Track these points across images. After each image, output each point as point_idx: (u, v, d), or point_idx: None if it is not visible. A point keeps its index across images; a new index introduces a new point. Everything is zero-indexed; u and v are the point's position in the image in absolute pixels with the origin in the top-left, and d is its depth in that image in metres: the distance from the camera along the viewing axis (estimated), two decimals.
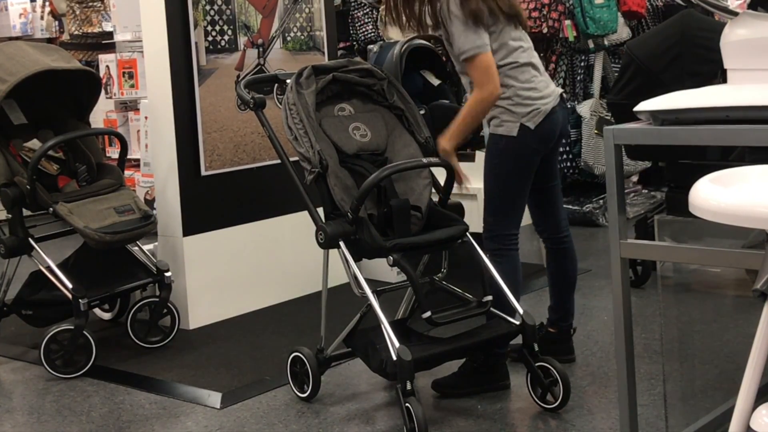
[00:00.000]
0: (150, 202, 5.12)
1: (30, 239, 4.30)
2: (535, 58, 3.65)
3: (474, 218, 3.93)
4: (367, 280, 3.44)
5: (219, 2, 4.80)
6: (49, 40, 7.74)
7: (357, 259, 3.45)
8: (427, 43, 4.26)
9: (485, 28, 3.49)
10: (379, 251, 3.41)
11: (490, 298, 3.47)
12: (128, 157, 4.83)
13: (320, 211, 3.59)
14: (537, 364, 3.47)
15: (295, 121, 3.52)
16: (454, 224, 3.59)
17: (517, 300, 3.54)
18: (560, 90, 3.71)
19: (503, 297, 3.50)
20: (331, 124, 3.63)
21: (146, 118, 5.06)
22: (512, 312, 3.49)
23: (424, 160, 3.57)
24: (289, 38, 5.12)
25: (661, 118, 2.49)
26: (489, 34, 3.51)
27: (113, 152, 5.93)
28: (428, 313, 3.31)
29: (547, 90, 3.60)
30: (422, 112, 3.88)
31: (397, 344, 3.21)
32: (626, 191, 4.98)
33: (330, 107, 3.68)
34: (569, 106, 6.46)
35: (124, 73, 5.81)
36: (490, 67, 3.49)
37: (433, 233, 3.55)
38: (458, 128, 3.59)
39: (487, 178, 3.65)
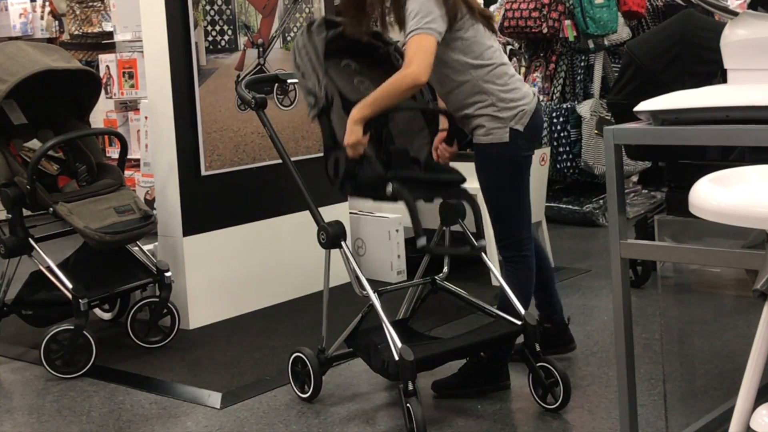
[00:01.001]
0: (150, 202, 5.12)
1: (30, 239, 4.29)
2: (507, 59, 3.61)
3: (474, 217, 3.93)
4: (368, 281, 3.44)
5: (219, 2, 4.80)
6: (49, 40, 7.74)
7: (359, 196, 3.43)
8: None
9: (452, 24, 3.40)
10: (380, 181, 3.38)
11: (484, 242, 3.52)
12: (128, 157, 4.83)
13: (321, 211, 3.59)
14: (538, 364, 3.47)
15: (303, 60, 3.51)
16: (453, 173, 3.61)
17: (528, 305, 3.55)
18: (534, 88, 3.70)
19: (506, 298, 3.51)
20: (336, 73, 3.62)
21: (146, 118, 5.06)
22: (514, 313, 3.49)
23: (431, 106, 3.63)
24: (289, 38, 5.12)
25: (661, 118, 2.49)
26: (463, 30, 3.44)
27: (113, 152, 5.93)
28: (423, 241, 3.30)
29: (525, 89, 3.57)
30: None
31: (399, 344, 3.21)
32: (626, 191, 4.98)
33: (336, 60, 3.65)
34: (569, 106, 6.48)
35: (124, 73, 5.81)
36: (429, 51, 3.30)
37: (432, 173, 3.58)
38: (373, 100, 3.37)
39: (486, 190, 3.60)
